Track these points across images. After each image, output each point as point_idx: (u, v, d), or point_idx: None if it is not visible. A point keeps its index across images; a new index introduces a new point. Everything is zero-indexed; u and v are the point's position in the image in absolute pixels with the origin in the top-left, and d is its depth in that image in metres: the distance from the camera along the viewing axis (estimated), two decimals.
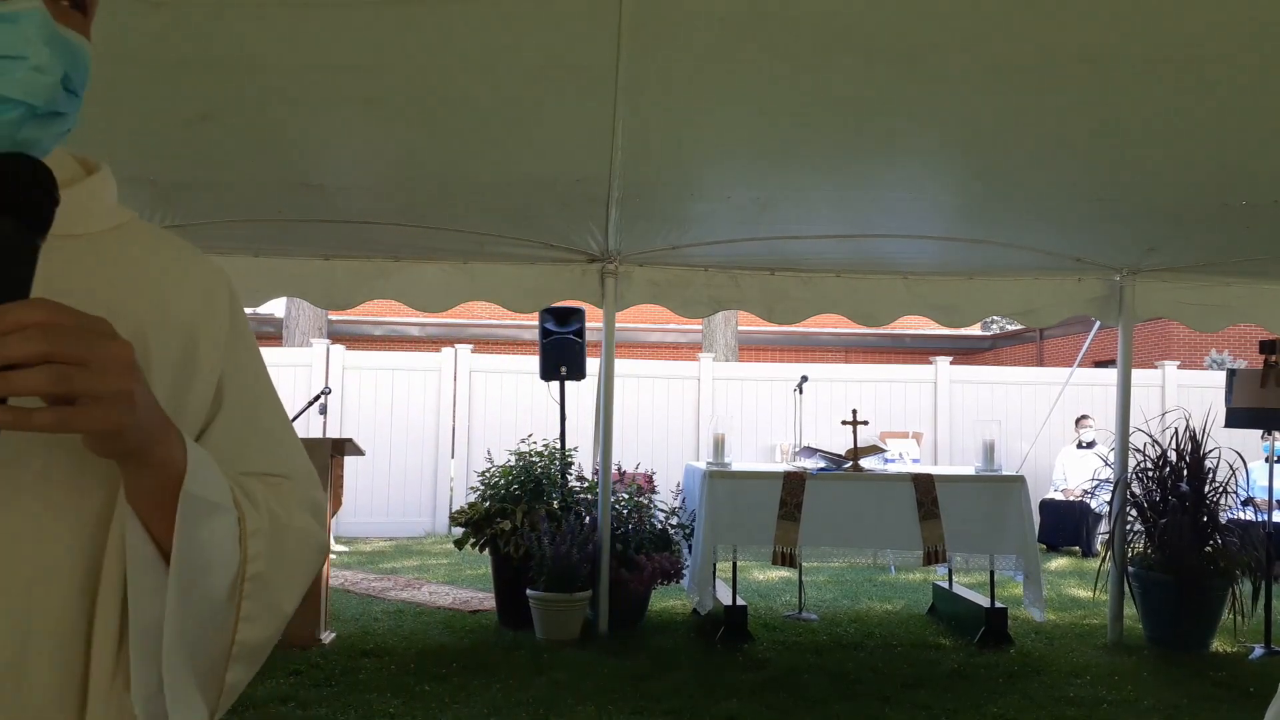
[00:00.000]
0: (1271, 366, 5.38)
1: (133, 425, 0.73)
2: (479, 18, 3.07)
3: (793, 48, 3.24)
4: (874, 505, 5.58)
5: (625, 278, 5.78)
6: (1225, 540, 5.70)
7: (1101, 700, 4.57)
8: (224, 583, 0.84)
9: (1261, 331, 6.22)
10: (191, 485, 0.79)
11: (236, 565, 0.85)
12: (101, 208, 0.92)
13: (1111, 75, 3.35)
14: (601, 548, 5.62)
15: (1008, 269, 5.92)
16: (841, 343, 18.28)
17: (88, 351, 0.69)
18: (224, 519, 0.83)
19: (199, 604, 0.83)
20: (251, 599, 0.86)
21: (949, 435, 10.43)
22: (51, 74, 0.80)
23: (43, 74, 0.79)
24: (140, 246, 0.93)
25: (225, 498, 0.84)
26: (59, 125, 0.83)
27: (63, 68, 0.81)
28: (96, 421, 0.71)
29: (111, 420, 0.71)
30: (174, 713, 0.82)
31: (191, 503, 0.79)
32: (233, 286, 0.97)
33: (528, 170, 4.38)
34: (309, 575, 0.95)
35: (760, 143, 4.17)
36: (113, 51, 3.24)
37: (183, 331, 0.90)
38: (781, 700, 4.47)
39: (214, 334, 0.92)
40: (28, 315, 0.68)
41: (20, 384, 0.67)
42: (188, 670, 0.83)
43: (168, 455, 0.78)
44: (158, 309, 0.89)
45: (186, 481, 0.79)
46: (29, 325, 0.67)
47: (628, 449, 8.42)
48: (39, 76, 0.79)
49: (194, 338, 0.90)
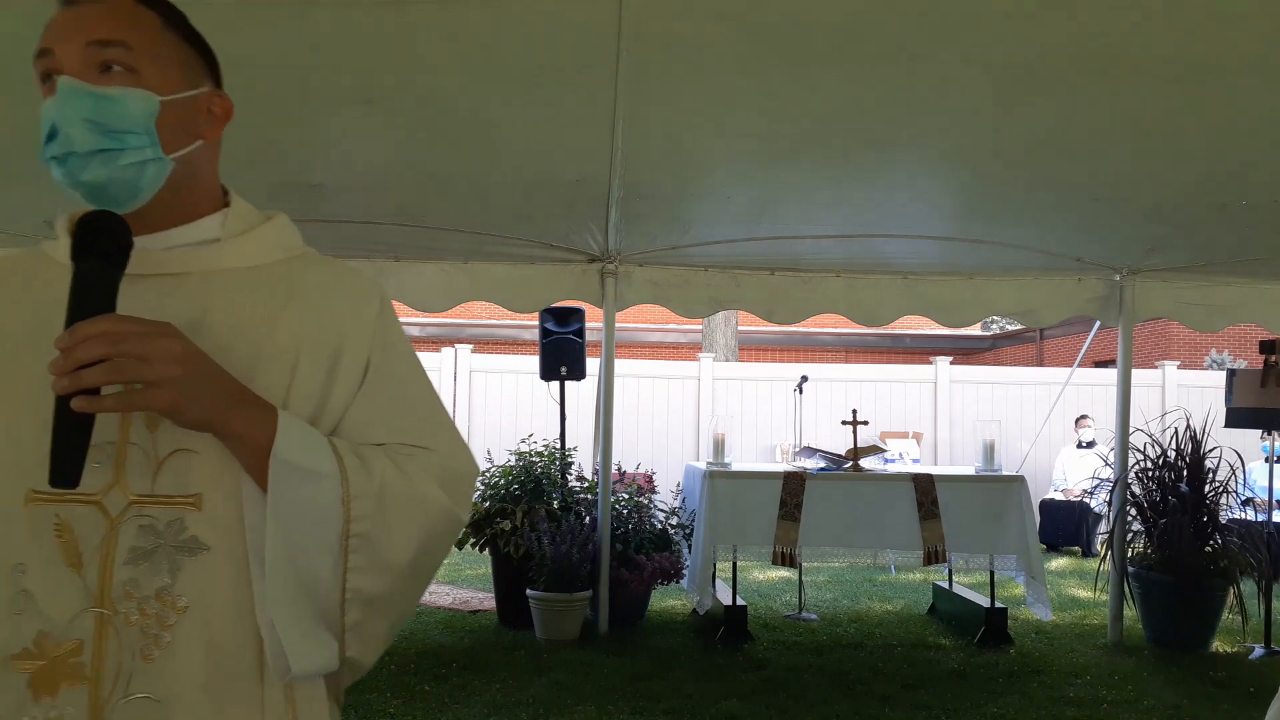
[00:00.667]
0: (1271, 366, 5.38)
1: (188, 401, 0.94)
2: (479, 18, 3.07)
3: (793, 48, 3.24)
4: (874, 505, 5.58)
5: (625, 278, 5.78)
6: (1225, 540, 5.70)
7: (1101, 700, 4.57)
8: (327, 536, 1.00)
9: (1261, 331, 6.22)
10: (280, 451, 0.97)
11: (340, 522, 1.01)
12: (272, 246, 1.15)
13: (1111, 76, 3.35)
14: (601, 548, 5.62)
15: (1008, 269, 5.92)
16: (841, 343, 18.27)
17: (142, 348, 0.92)
18: (321, 482, 1.00)
19: (304, 552, 0.99)
20: (358, 553, 1.02)
21: (949, 435, 10.43)
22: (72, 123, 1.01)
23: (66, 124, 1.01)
24: (304, 272, 1.15)
25: (322, 464, 1.00)
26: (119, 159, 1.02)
27: (82, 114, 1.01)
28: (151, 400, 0.93)
29: (163, 398, 0.93)
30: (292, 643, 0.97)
31: (280, 467, 0.97)
32: (383, 296, 1.18)
33: (528, 170, 4.38)
34: (424, 537, 1.08)
35: (760, 143, 4.17)
36: None
37: (333, 335, 1.10)
38: (781, 700, 4.47)
39: (359, 335, 1.12)
40: (94, 328, 0.91)
41: (87, 379, 0.90)
42: (308, 609, 1.00)
43: (246, 428, 0.97)
44: (311, 319, 1.10)
45: (274, 448, 0.97)
46: (94, 335, 0.91)
47: (628, 449, 8.42)
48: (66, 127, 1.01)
49: (341, 339, 1.10)
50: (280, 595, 0.97)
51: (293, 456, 0.98)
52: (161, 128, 1.05)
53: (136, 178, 1.03)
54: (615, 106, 3.61)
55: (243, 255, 1.12)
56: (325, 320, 1.11)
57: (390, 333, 1.16)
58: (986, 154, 4.23)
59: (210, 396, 0.95)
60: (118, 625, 0.97)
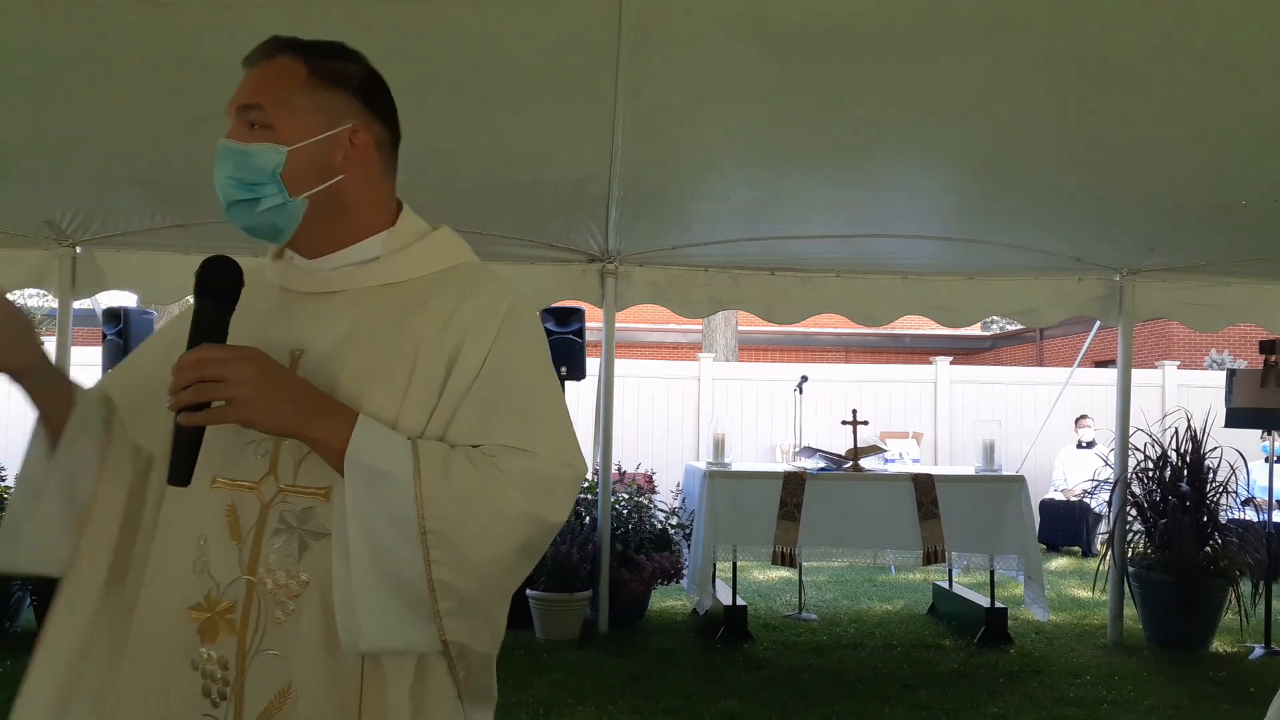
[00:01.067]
0: (1271, 366, 5.37)
1: (260, 414, 1.12)
2: (479, 18, 3.07)
3: (793, 48, 3.24)
4: (874, 505, 5.57)
5: (625, 278, 5.78)
6: (1225, 540, 5.70)
7: (1101, 700, 4.57)
8: (406, 530, 1.12)
9: (1261, 331, 6.22)
10: (353, 454, 1.12)
11: (416, 519, 1.12)
12: (428, 260, 1.30)
13: (1112, 76, 3.35)
14: (601, 548, 5.62)
15: (1008, 269, 5.91)
16: (841, 343, 18.26)
17: (220, 372, 1.11)
18: (393, 482, 1.12)
19: (383, 542, 1.12)
20: (437, 548, 1.13)
21: (949, 435, 10.42)
22: (221, 178, 1.23)
23: (219, 179, 1.23)
24: (447, 283, 1.27)
25: (395, 465, 1.13)
26: (256, 207, 1.23)
27: (227, 171, 1.22)
28: (229, 415, 1.12)
29: (237, 413, 1.12)
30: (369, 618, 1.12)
31: (354, 468, 1.12)
32: (513, 303, 1.27)
33: (528, 170, 4.38)
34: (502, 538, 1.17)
35: (760, 143, 4.17)
36: (113, 52, 3.25)
37: (455, 337, 1.22)
38: (781, 700, 4.47)
39: (481, 337, 1.22)
40: (189, 357, 1.12)
41: (183, 399, 1.11)
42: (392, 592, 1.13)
43: (322, 434, 1.14)
44: (437, 326, 1.22)
45: (348, 450, 1.12)
46: (188, 363, 1.11)
47: (628, 449, 8.41)
48: (219, 182, 1.23)
49: (461, 343, 1.22)
50: (362, 577, 1.12)
51: (364, 458, 1.12)
52: (290, 174, 1.22)
53: (274, 220, 1.24)
54: (615, 106, 3.61)
55: (398, 270, 1.28)
56: (451, 324, 1.23)
57: (515, 336, 1.25)
58: (987, 154, 4.23)
59: (283, 409, 1.13)
60: (259, 592, 1.18)
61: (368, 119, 1.28)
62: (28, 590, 5.15)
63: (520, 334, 1.26)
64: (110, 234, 5.35)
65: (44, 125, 3.93)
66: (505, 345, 1.23)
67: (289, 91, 1.23)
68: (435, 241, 1.32)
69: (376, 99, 1.31)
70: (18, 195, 4.89)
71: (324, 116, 1.24)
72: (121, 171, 4.53)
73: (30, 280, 5.67)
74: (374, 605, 1.12)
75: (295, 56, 1.26)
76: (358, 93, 1.28)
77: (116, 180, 4.66)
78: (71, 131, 4.02)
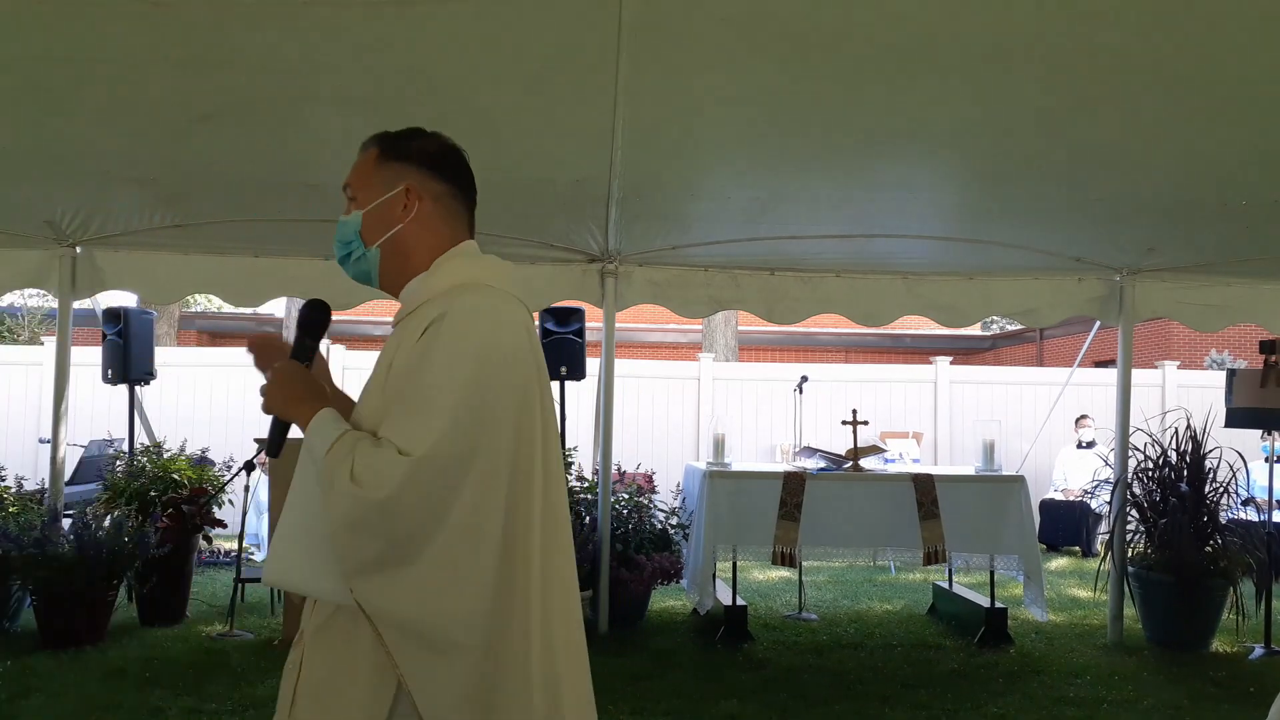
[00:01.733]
0: (1271, 366, 5.37)
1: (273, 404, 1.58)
2: (479, 18, 3.07)
3: (792, 48, 3.24)
4: (874, 505, 5.57)
5: (625, 278, 5.78)
6: (1225, 540, 5.70)
7: (1101, 700, 4.57)
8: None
9: (1261, 331, 6.22)
10: (306, 436, 1.51)
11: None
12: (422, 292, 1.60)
13: (1112, 75, 3.35)
14: (601, 548, 5.62)
15: (1008, 269, 5.91)
16: (841, 343, 18.26)
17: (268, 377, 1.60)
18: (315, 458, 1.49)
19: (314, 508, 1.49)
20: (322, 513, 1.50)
21: (949, 435, 10.42)
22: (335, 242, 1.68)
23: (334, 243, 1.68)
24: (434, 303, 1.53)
25: (320, 447, 1.47)
26: (350, 259, 1.66)
27: (336, 235, 1.67)
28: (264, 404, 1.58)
29: (265, 403, 1.58)
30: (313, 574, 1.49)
31: (305, 444, 1.51)
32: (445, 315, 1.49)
33: (528, 170, 4.38)
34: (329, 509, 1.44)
35: (760, 143, 4.16)
36: (113, 52, 3.25)
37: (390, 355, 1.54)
38: (781, 700, 4.47)
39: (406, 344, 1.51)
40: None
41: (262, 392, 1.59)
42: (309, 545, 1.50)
43: (297, 419, 1.55)
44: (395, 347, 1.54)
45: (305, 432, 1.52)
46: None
47: (628, 449, 8.40)
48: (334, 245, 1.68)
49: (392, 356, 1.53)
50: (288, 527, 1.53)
51: (309, 437, 1.50)
52: (366, 230, 1.62)
53: (364, 268, 1.65)
54: (615, 106, 3.61)
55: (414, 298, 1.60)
56: (399, 337, 1.54)
57: (435, 341, 1.46)
58: (987, 154, 4.23)
59: (283, 401, 1.57)
60: None
61: (423, 178, 1.61)
62: (28, 590, 5.15)
63: (440, 338, 1.46)
64: (110, 234, 5.35)
65: (44, 125, 3.94)
66: (421, 348, 1.47)
67: (368, 171, 1.63)
68: (440, 268, 1.61)
69: (437, 162, 1.63)
70: (18, 195, 4.89)
71: (386, 184, 1.61)
72: (121, 171, 4.53)
73: (30, 280, 5.67)
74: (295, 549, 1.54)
75: (375, 145, 1.65)
76: (416, 159, 1.62)
77: (116, 180, 4.66)
78: (71, 131, 4.02)
